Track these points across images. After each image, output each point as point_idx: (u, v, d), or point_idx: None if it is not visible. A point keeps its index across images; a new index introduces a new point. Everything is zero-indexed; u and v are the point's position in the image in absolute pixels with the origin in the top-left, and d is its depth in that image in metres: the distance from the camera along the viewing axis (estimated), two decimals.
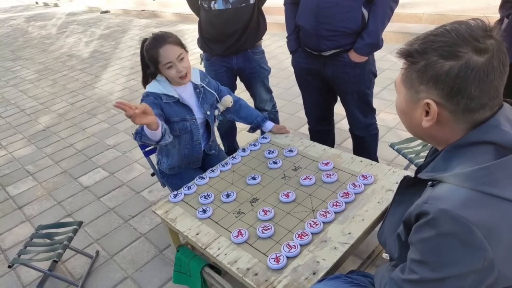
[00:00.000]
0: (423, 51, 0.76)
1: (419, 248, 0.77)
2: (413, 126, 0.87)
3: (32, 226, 2.57)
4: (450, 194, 0.74)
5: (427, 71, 0.76)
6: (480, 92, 0.74)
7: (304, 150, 1.92)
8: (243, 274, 1.31)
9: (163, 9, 8.62)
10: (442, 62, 0.74)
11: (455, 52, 0.73)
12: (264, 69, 2.47)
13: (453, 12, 4.80)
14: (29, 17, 11.28)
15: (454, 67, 0.73)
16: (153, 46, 1.75)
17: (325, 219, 1.44)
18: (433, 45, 0.75)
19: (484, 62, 0.72)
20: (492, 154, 0.75)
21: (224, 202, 1.66)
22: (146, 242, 2.28)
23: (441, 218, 0.72)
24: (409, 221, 0.82)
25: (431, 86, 0.76)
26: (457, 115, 0.77)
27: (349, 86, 2.01)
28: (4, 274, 2.21)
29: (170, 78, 1.81)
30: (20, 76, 5.94)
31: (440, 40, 0.74)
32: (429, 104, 0.78)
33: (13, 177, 3.21)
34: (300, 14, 1.97)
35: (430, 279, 0.75)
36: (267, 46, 5.25)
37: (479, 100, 0.74)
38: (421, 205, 0.76)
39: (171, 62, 1.74)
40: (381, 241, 1.04)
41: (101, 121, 4.01)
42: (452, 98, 0.75)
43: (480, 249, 0.70)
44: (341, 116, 2.51)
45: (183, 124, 1.89)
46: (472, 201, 0.72)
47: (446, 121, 0.79)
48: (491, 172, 0.73)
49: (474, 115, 0.76)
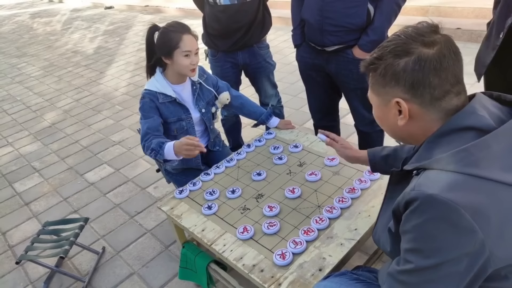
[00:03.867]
0: (380, 57, 0.84)
1: (411, 237, 0.78)
2: (392, 129, 0.92)
3: (39, 222, 2.59)
4: (435, 179, 0.76)
5: (387, 72, 0.83)
6: (439, 80, 0.79)
7: (310, 146, 1.91)
8: (249, 270, 1.31)
9: (167, 4, 8.60)
10: (397, 60, 0.81)
11: (406, 49, 0.81)
12: (270, 63, 2.45)
13: (459, 4, 4.74)
14: (34, 14, 11.30)
15: (408, 62, 0.80)
16: (176, 30, 1.73)
17: (331, 215, 1.44)
18: (387, 49, 0.83)
19: (434, 53, 0.79)
20: (472, 138, 0.77)
21: (230, 198, 1.65)
22: (152, 238, 2.29)
23: (429, 203, 0.73)
24: (398, 211, 0.83)
25: (394, 84, 0.83)
26: (426, 106, 0.82)
27: (352, 83, 1.99)
28: (12, 270, 2.23)
29: (181, 66, 1.76)
30: (25, 73, 5.96)
31: (392, 43, 0.83)
32: (398, 102, 0.84)
33: (20, 174, 3.23)
34: (305, 8, 1.95)
35: (425, 267, 0.75)
36: (272, 40, 5.22)
37: (441, 88, 0.80)
38: (409, 193, 0.78)
39: (190, 52, 1.74)
40: (375, 240, 1.05)
41: (106, 117, 4.01)
42: (415, 91, 0.81)
43: (470, 231, 0.71)
44: (346, 111, 2.49)
45: (179, 124, 1.88)
46: (457, 183, 0.74)
47: (418, 114, 0.84)
48: (471, 153, 0.75)
49: (442, 103, 0.82)
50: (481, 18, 4.43)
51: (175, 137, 1.89)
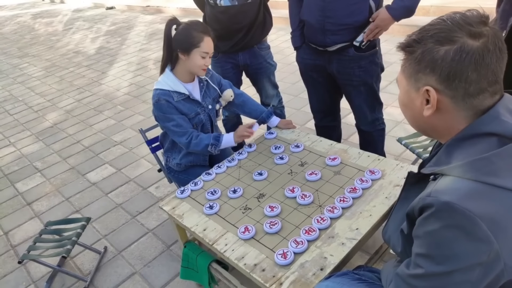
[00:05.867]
0: (419, 40, 0.78)
1: (424, 242, 0.76)
2: (415, 117, 0.87)
3: (41, 222, 2.60)
4: (453, 186, 0.74)
5: (424, 57, 0.77)
6: (478, 76, 0.74)
7: (311, 145, 1.91)
8: (250, 270, 1.31)
9: (168, 4, 8.61)
10: (438, 47, 0.75)
11: (450, 37, 0.74)
12: (270, 64, 2.46)
13: (461, 4, 4.73)
14: (36, 14, 11.33)
15: (449, 51, 0.74)
16: (200, 30, 1.75)
17: (333, 215, 1.44)
18: (428, 33, 0.77)
19: (479, 46, 0.73)
20: (494, 145, 0.74)
21: (231, 198, 1.66)
22: (153, 237, 2.29)
23: (445, 211, 0.71)
24: (412, 214, 0.82)
25: (429, 72, 0.77)
26: (457, 101, 0.77)
27: (355, 80, 1.99)
28: (14, 270, 2.24)
29: (195, 65, 1.78)
30: (27, 73, 5.98)
31: (436, 28, 0.76)
32: (428, 91, 0.78)
33: (22, 174, 3.24)
34: (305, 9, 1.95)
35: (436, 273, 0.74)
36: (273, 40, 5.22)
37: (477, 84, 0.75)
38: (425, 198, 0.76)
39: (207, 53, 1.77)
40: (385, 238, 1.04)
41: (108, 118, 4.02)
42: (450, 83, 0.76)
43: (485, 242, 0.69)
44: (347, 111, 2.49)
45: (198, 118, 1.91)
46: (475, 192, 0.71)
47: (447, 108, 0.79)
48: (492, 162, 0.72)
49: (474, 101, 0.76)
50: None
51: None
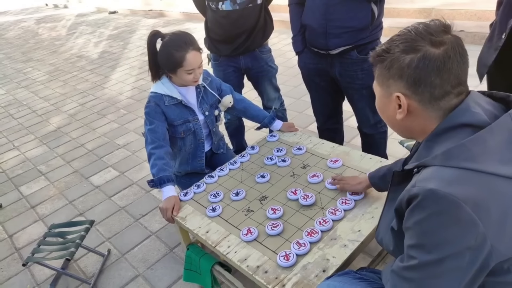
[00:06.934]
0: (388, 50, 0.86)
1: (414, 232, 0.79)
2: (391, 121, 0.95)
3: (45, 225, 2.61)
4: (436, 175, 0.78)
5: (392, 65, 0.85)
6: (441, 80, 0.81)
7: (313, 148, 1.92)
8: (253, 271, 1.32)
9: (170, 8, 8.66)
10: (404, 56, 0.83)
11: (414, 46, 0.82)
12: (272, 67, 2.47)
13: (462, 6, 4.74)
14: (39, 19, 11.41)
15: (413, 59, 0.82)
16: (179, 49, 1.69)
17: (335, 217, 1.45)
18: (395, 43, 0.85)
19: (440, 53, 0.80)
20: (469, 134, 0.79)
21: (234, 200, 1.67)
22: (156, 240, 2.30)
23: (430, 198, 0.75)
24: (400, 208, 0.85)
25: (397, 78, 0.85)
26: (424, 104, 0.85)
27: (358, 83, 1.99)
28: (18, 273, 2.26)
29: (184, 81, 1.80)
30: (31, 78, 6.02)
31: (402, 38, 0.84)
32: (399, 96, 0.86)
33: (26, 177, 3.26)
34: (307, 13, 1.96)
35: (429, 262, 0.76)
36: (274, 44, 5.24)
37: (442, 88, 0.82)
38: (410, 190, 0.79)
39: (193, 70, 1.74)
40: (378, 240, 1.06)
41: (111, 121, 4.05)
42: (416, 88, 0.83)
43: (471, 224, 0.72)
44: (349, 113, 2.50)
45: (186, 126, 1.90)
46: (457, 178, 0.75)
47: (417, 111, 0.86)
48: (468, 148, 0.77)
49: (441, 103, 0.84)
50: (484, 20, 4.43)
51: (182, 139, 1.91)
